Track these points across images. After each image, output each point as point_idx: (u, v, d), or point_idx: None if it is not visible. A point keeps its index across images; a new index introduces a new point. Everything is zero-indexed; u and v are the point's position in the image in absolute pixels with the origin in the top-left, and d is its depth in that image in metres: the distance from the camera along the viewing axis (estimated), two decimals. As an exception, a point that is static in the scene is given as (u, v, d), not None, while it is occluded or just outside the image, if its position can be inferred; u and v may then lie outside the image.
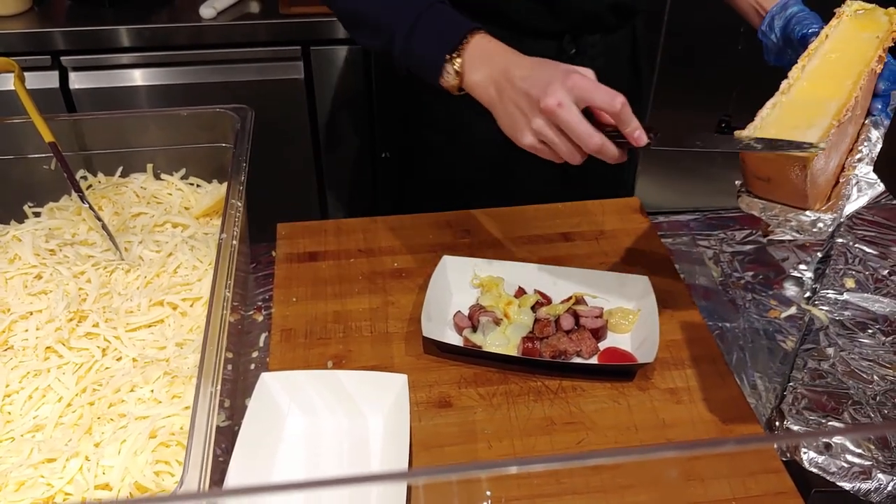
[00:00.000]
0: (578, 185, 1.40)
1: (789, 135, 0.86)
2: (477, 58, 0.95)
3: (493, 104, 0.94)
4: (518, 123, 0.91)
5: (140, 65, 1.90)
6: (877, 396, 0.95)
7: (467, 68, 0.95)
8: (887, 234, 1.19)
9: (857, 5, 0.98)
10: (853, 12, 0.97)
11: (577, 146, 0.88)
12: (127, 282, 1.02)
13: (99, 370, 0.91)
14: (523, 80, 0.89)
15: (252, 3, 1.94)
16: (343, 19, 1.15)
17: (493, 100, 0.94)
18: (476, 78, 0.95)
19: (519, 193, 1.32)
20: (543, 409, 0.96)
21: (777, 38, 1.07)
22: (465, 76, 0.96)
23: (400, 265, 1.18)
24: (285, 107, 1.97)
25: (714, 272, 1.19)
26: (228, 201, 0.99)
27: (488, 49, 0.95)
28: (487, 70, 0.94)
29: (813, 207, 0.85)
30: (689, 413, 0.96)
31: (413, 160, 1.50)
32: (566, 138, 0.88)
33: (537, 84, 0.88)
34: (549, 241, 1.22)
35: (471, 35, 0.96)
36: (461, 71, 0.96)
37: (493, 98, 0.94)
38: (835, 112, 0.87)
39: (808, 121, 0.87)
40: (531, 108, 0.88)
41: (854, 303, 1.09)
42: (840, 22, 0.96)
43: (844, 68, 0.91)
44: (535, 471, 0.89)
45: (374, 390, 0.92)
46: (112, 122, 1.21)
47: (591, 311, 1.06)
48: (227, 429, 0.93)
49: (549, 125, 0.88)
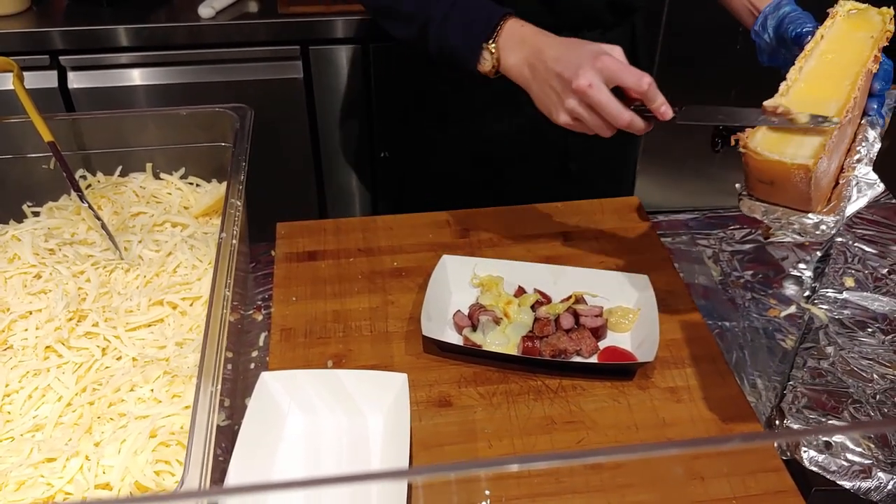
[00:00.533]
0: (580, 183, 1.40)
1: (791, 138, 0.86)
2: (511, 42, 1.01)
3: (529, 84, 1.00)
4: (552, 102, 0.97)
5: (139, 64, 1.89)
6: (876, 395, 0.95)
7: (503, 52, 1.01)
8: (886, 232, 1.19)
9: (850, 5, 0.98)
10: (846, 12, 0.97)
11: (607, 122, 0.94)
12: (126, 281, 1.02)
13: (99, 370, 0.91)
14: (555, 61, 0.95)
15: (251, 3, 1.94)
16: (373, 11, 1.18)
17: (527, 80, 1.00)
18: (511, 61, 1.01)
19: (520, 192, 1.32)
20: (543, 408, 0.96)
21: (770, 38, 1.07)
22: (501, 60, 1.02)
23: (399, 264, 1.18)
24: (284, 106, 1.96)
25: (713, 271, 1.19)
26: (228, 201, 0.99)
27: (521, 33, 1.01)
28: (522, 53, 1.00)
29: (815, 210, 0.85)
30: (688, 412, 0.96)
31: (414, 159, 1.50)
32: (598, 115, 0.94)
33: (569, 66, 0.93)
34: (548, 240, 1.22)
35: (503, 20, 1.02)
36: (497, 55, 1.01)
37: (528, 78, 1.00)
38: (834, 113, 0.87)
39: None
40: (564, 89, 0.94)
41: (853, 301, 1.09)
42: (834, 22, 0.96)
43: (841, 69, 0.91)
44: (535, 469, 0.89)
45: (373, 389, 0.92)
46: (111, 122, 1.21)
47: (591, 310, 1.06)
48: (227, 428, 0.93)
49: (582, 104, 0.94)
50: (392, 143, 2.06)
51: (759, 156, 0.84)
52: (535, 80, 0.99)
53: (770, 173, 0.84)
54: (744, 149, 0.86)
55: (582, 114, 0.94)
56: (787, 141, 0.86)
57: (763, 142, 0.86)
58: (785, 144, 0.85)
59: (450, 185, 1.44)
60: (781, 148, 0.85)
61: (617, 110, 0.92)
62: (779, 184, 0.84)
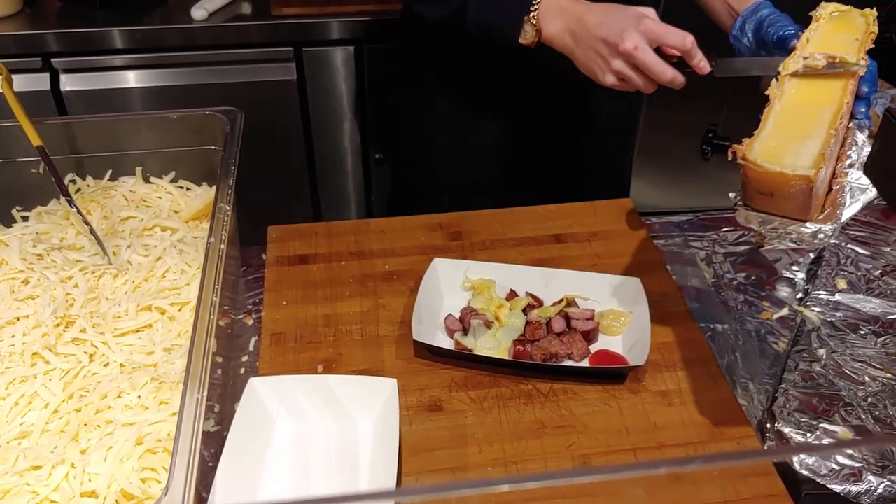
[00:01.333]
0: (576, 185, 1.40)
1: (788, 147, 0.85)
2: (551, 12, 1.06)
3: (572, 50, 1.05)
4: (598, 66, 1.03)
5: (132, 66, 1.89)
6: (868, 398, 0.95)
7: (543, 23, 1.06)
8: (879, 234, 1.18)
9: (832, 7, 0.97)
10: (829, 14, 0.96)
11: (650, 80, 1.00)
12: (115, 286, 1.02)
13: (86, 376, 0.90)
14: (598, 27, 1.01)
15: (244, 5, 1.94)
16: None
17: (570, 47, 1.05)
18: (553, 30, 1.06)
19: (518, 193, 1.32)
20: (534, 412, 0.96)
21: (750, 42, 1.08)
22: (543, 30, 1.07)
23: (391, 268, 1.17)
24: (278, 108, 1.96)
25: (706, 273, 1.19)
26: (217, 205, 0.98)
27: (559, 2, 1.06)
28: (562, 21, 1.05)
29: (812, 218, 0.84)
30: (680, 416, 0.95)
31: (408, 161, 1.50)
32: (643, 74, 1.00)
33: (613, 30, 0.99)
34: (540, 242, 1.21)
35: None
36: (538, 26, 1.06)
37: (571, 45, 1.05)
38: (830, 119, 0.86)
39: (805, 130, 0.86)
40: (610, 52, 1.00)
41: (846, 304, 1.09)
42: (818, 25, 0.95)
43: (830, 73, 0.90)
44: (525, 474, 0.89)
45: (363, 395, 0.92)
46: (101, 125, 1.20)
47: (583, 313, 1.05)
48: (217, 434, 0.92)
49: (628, 65, 1.00)
50: (386, 144, 2.06)
51: (760, 167, 0.83)
52: (578, 46, 1.04)
53: (770, 185, 0.83)
54: (743, 161, 0.85)
55: (628, 74, 1.00)
56: (785, 150, 0.85)
57: (762, 153, 0.85)
58: (783, 154, 0.85)
59: (445, 186, 1.43)
60: (780, 158, 0.84)
61: (661, 69, 0.98)
62: (778, 194, 0.83)
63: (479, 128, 1.36)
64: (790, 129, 0.86)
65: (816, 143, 0.84)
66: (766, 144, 0.86)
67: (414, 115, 1.43)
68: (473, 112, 1.35)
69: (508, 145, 1.38)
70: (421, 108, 1.41)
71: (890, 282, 1.12)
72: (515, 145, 1.38)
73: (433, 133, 1.41)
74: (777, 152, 0.85)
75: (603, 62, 1.02)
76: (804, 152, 0.84)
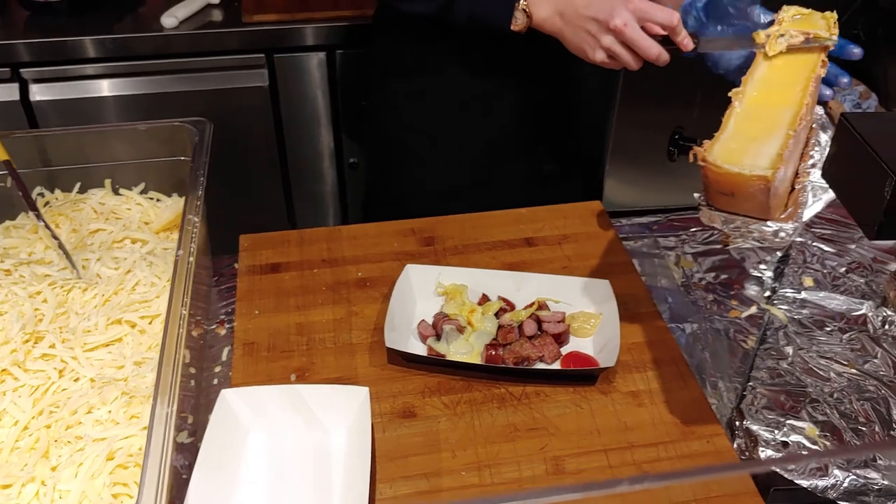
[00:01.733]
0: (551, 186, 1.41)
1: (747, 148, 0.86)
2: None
3: (562, 31, 1.09)
4: (588, 44, 1.07)
5: (103, 75, 1.88)
6: (834, 394, 0.96)
7: (534, 8, 1.10)
8: (844, 231, 1.20)
9: (794, 10, 0.99)
10: (791, 17, 0.98)
11: (638, 56, 1.04)
12: (84, 300, 1.01)
13: (56, 392, 0.90)
14: (587, 6, 1.05)
15: (215, 12, 1.93)
16: None
17: (560, 28, 1.09)
18: (543, 14, 1.10)
19: (493, 197, 1.33)
20: (507, 415, 0.97)
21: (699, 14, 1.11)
22: (534, 15, 1.10)
23: (364, 274, 1.17)
24: (250, 115, 1.95)
25: (675, 274, 1.20)
26: (185, 217, 0.98)
27: None
28: (551, 4, 1.09)
29: (774, 217, 0.86)
30: (650, 415, 0.96)
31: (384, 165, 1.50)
32: (631, 51, 1.04)
33: (602, 9, 1.03)
34: (512, 246, 1.22)
35: None
36: (529, 11, 1.10)
37: (560, 26, 1.09)
38: (789, 121, 0.88)
39: (764, 131, 0.88)
40: (600, 30, 1.04)
41: (812, 301, 1.10)
42: (781, 27, 0.97)
43: (792, 75, 0.92)
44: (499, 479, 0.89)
45: (335, 403, 0.92)
46: (70, 138, 1.20)
47: (554, 315, 1.06)
48: (191, 445, 0.92)
49: (617, 42, 1.04)
50: (361, 149, 2.06)
51: (719, 168, 0.84)
52: (567, 26, 1.08)
53: (729, 185, 0.84)
54: (703, 162, 0.86)
55: (618, 51, 1.04)
56: (744, 152, 0.86)
57: (721, 154, 0.86)
58: (742, 155, 0.86)
59: (420, 191, 1.44)
60: (740, 159, 0.85)
61: (649, 44, 1.02)
62: (739, 194, 0.85)
63: (455, 133, 1.37)
64: (750, 131, 0.87)
65: (775, 144, 0.85)
66: (726, 146, 0.87)
67: (386, 121, 1.43)
68: (443, 119, 1.36)
69: (480, 150, 1.38)
70: (391, 114, 1.41)
71: (855, 279, 1.14)
72: (487, 150, 1.38)
73: (405, 139, 1.41)
74: (736, 153, 0.86)
75: (593, 40, 1.06)
76: (763, 153, 0.85)
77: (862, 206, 0.71)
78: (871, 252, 1.18)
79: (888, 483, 0.85)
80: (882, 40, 2.20)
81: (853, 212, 0.72)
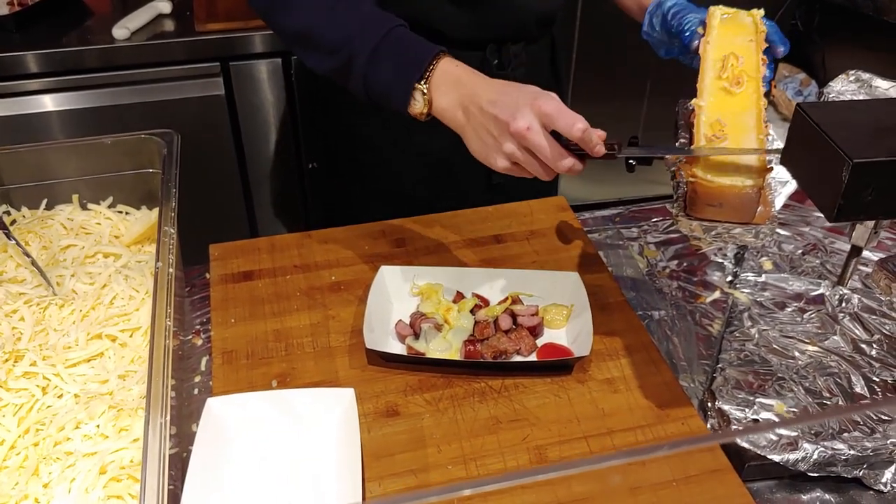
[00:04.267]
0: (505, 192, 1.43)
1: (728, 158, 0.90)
2: (444, 83, 0.96)
3: (463, 128, 0.96)
4: (489, 147, 0.93)
5: (49, 90, 1.85)
6: (798, 371, 1.01)
7: (434, 94, 0.96)
8: (797, 215, 1.26)
9: (721, 10, 1.01)
10: (720, 18, 1.01)
11: (545, 166, 0.92)
12: (62, 317, 1.01)
13: (41, 409, 0.90)
14: (491, 104, 0.91)
15: (167, 22, 1.92)
16: (287, 39, 1.08)
17: (461, 124, 0.96)
18: (444, 103, 0.96)
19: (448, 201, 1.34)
20: (488, 409, 0.99)
21: (659, 34, 1.10)
22: (434, 102, 0.97)
23: (338, 278, 1.19)
24: (207, 124, 1.95)
25: (640, 263, 1.24)
26: (161, 229, 0.99)
27: (455, 73, 0.96)
28: (455, 94, 0.95)
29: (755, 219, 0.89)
30: (626, 401, 1.00)
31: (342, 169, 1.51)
32: (536, 159, 0.91)
33: (506, 109, 0.90)
34: (482, 244, 1.25)
35: (437, 60, 0.97)
36: (429, 97, 0.97)
37: (462, 122, 0.95)
38: (756, 126, 0.92)
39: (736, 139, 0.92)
40: (501, 133, 0.91)
41: (772, 283, 1.15)
42: (713, 29, 1.01)
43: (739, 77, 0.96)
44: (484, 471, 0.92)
45: (321, 406, 0.94)
46: (32, 155, 1.19)
47: (527, 309, 1.09)
48: (176, 456, 0.93)
49: (520, 148, 0.91)
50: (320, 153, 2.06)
51: (710, 183, 0.88)
52: (469, 123, 0.94)
53: (720, 197, 0.88)
54: (692, 178, 0.90)
55: (520, 157, 0.91)
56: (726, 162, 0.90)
57: (709, 168, 0.90)
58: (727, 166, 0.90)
59: (380, 195, 1.45)
60: (727, 170, 0.89)
61: (555, 154, 0.90)
62: (727, 204, 0.88)
63: (406, 139, 1.38)
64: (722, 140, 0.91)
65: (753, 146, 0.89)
66: (708, 159, 0.90)
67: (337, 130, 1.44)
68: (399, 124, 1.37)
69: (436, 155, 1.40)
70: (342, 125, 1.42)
71: (811, 260, 1.19)
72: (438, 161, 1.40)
73: (355, 149, 1.42)
74: (721, 164, 0.90)
75: (494, 143, 0.92)
76: (746, 160, 0.89)
77: (821, 190, 0.75)
78: (822, 233, 1.23)
79: (854, 453, 0.90)
80: (819, 29, 2.29)
81: (813, 196, 0.76)
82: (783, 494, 0.92)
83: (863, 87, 1.20)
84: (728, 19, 1.00)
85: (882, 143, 0.71)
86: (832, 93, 1.21)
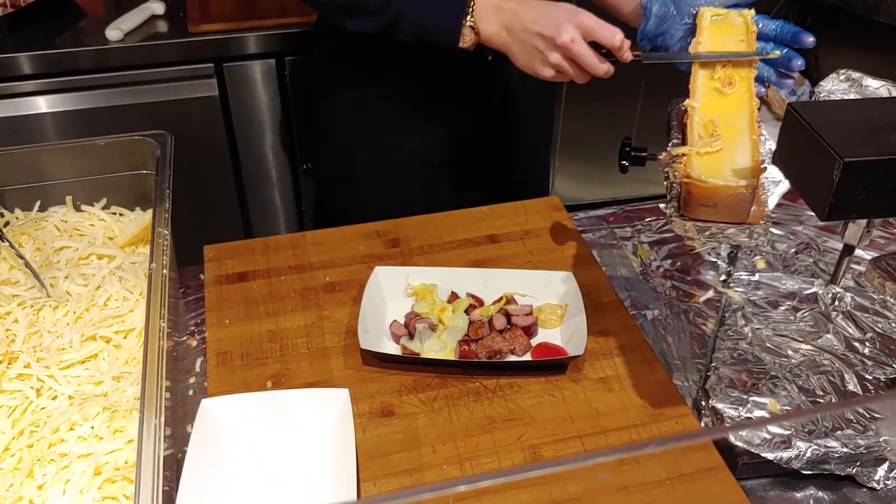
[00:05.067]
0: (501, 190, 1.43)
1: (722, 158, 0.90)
2: (486, 12, 1.09)
3: (509, 46, 1.09)
4: (536, 59, 1.07)
5: (43, 91, 1.85)
6: (792, 369, 1.01)
7: (480, 24, 1.10)
8: (791, 214, 1.26)
9: (711, 12, 1.02)
10: (710, 19, 1.02)
11: (584, 71, 1.06)
12: (56, 319, 1.01)
13: (35, 411, 0.90)
14: (534, 22, 1.05)
15: (160, 23, 1.92)
16: (332, 9, 1.23)
17: (507, 43, 1.09)
18: (490, 30, 1.10)
19: (442, 200, 1.35)
20: (483, 408, 0.99)
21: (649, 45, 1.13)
22: (481, 32, 1.10)
23: (332, 279, 1.19)
24: (201, 125, 1.95)
25: (634, 263, 1.24)
26: (155, 230, 0.99)
27: (493, 2, 1.10)
28: (497, 20, 1.09)
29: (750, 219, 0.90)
30: (620, 400, 1.00)
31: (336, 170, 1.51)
32: (578, 66, 1.05)
33: (549, 25, 1.03)
34: (476, 244, 1.25)
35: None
36: (476, 28, 1.10)
37: (508, 41, 1.09)
38: (748, 126, 0.92)
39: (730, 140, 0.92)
40: (547, 46, 1.04)
41: (766, 282, 1.16)
42: (703, 30, 1.01)
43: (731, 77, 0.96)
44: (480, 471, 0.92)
45: (316, 407, 0.94)
46: (25, 156, 1.18)
47: (522, 309, 1.09)
48: (171, 457, 0.92)
49: (565, 58, 1.05)
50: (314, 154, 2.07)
51: (705, 183, 0.88)
52: (514, 41, 1.08)
53: (714, 197, 0.88)
54: (686, 179, 0.90)
55: (565, 66, 1.05)
56: (721, 162, 0.90)
57: (702, 168, 0.90)
58: (721, 166, 0.90)
59: (375, 195, 1.45)
60: (721, 170, 0.89)
61: (595, 62, 1.03)
62: (721, 204, 0.88)
63: (398, 141, 1.39)
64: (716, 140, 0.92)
65: (747, 151, 0.89)
66: (704, 160, 0.91)
67: (331, 129, 1.44)
68: (390, 126, 1.38)
69: (426, 158, 1.40)
70: (336, 122, 1.42)
71: (804, 259, 1.20)
72: (433, 158, 1.40)
73: (350, 146, 1.42)
74: (714, 165, 0.90)
75: (540, 56, 1.06)
76: (739, 160, 0.89)
77: (813, 189, 0.75)
78: (815, 232, 1.24)
79: (847, 451, 0.90)
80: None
81: (805, 196, 0.77)
82: (777, 492, 0.92)
83: (853, 87, 1.21)
84: (719, 20, 1.01)
85: (873, 142, 0.71)
86: (823, 92, 1.22)
